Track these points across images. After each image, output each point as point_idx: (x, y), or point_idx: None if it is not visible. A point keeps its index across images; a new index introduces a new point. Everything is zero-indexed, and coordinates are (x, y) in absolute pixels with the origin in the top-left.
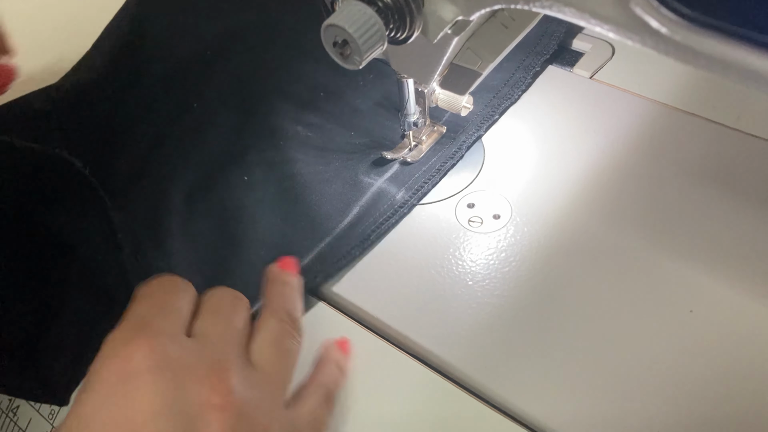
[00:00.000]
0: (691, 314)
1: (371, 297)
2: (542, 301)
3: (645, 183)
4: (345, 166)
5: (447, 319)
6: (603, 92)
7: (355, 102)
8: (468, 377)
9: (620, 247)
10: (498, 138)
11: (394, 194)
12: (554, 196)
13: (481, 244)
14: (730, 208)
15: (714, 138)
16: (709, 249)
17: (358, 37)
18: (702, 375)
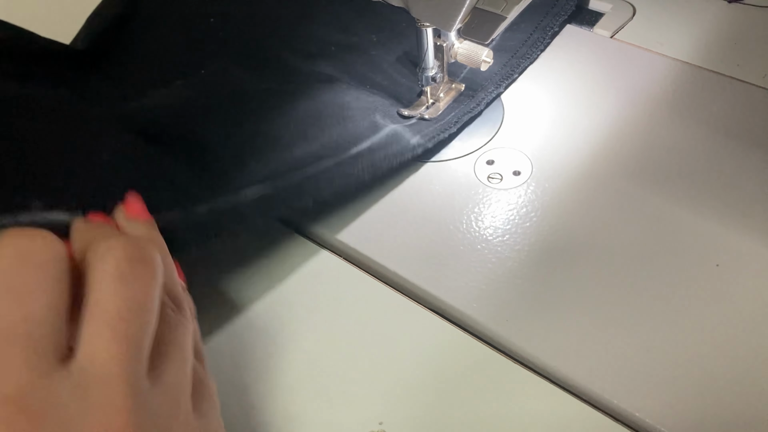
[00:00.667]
0: (717, 268)
1: (391, 252)
2: (564, 255)
3: (668, 140)
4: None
5: (467, 273)
6: (624, 51)
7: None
8: (489, 330)
9: (644, 203)
10: (517, 96)
11: (409, 139)
12: (575, 152)
13: (501, 200)
14: (754, 165)
15: (739, 96)
16: (734, 205)
17: None
18: (726, 328)
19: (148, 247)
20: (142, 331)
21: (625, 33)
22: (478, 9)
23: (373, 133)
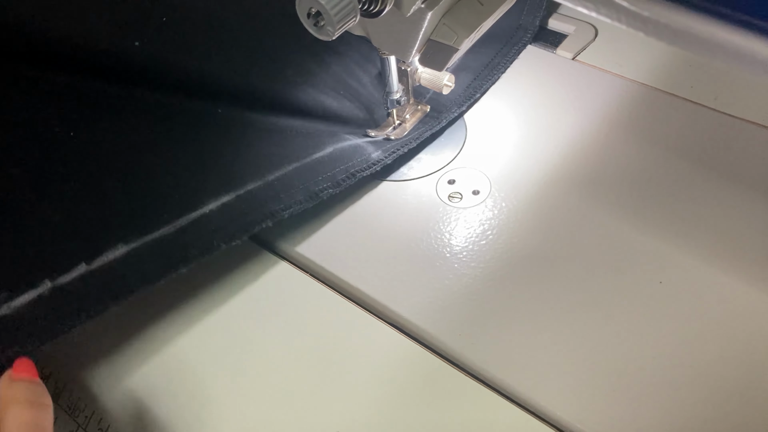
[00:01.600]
0: (660, 285)
1: (351, 266)
2: (516, 272)
3: (621, 160)
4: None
5: (424, 289)
6: (584, 72)
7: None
8: (442, 343)
9: (594, 222)
10: (480, 117)
11: (370, 153)
12: (533, 172)
13: (460, 219)
14: (702, 184)
15: (691, 117)
16: (680, 223)
17: (331, 9)
18: (669, 343)
19: None
20: None
21: (586, 54)
22: (432, 40)
23: (335, 142)
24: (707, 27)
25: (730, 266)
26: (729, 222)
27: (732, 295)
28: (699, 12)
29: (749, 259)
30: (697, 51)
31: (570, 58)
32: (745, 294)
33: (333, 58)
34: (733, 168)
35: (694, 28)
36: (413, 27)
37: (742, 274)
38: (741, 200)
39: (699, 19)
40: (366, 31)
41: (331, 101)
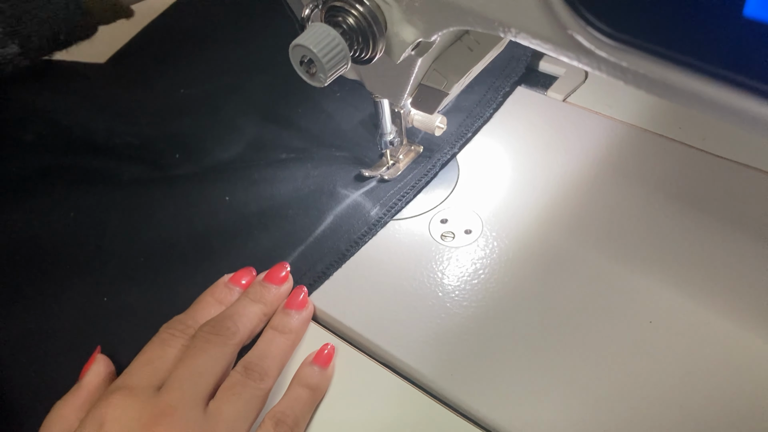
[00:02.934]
0: (651, 325)
1: (344, 306)
2: (508, 312)
3: (611, 200)
4: (324, 174)
5: (417, 329)
6: (575, 114)
7: (337, 121)
8: (434, 383)
9: (585, 262)
10: (473, 157)
11: (369, 210)
12: (524, 212)
13: (452, 258)
14: (690, 225)
15: (679, 158)
16: (670, 264)
17: (322, 57)
18: (659, 382)
19: (225, 323)
20: (195, 387)
21: (576, 96)
22: (423, 85)
23: (334, 206)
24: (682, 78)
25: (720, 306)
26: (718, 262)
27: (723, 335)
28: (673, 63)
29: (739, 300)
30: (675, 100)
31: (560, 100)
32: (735, 335)
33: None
34: (721, 209)
35: (670, 79)
36: (404, 72)
37: (733, 314)
38: (730, 241)
39: (674, 70)
40: (359, 75)
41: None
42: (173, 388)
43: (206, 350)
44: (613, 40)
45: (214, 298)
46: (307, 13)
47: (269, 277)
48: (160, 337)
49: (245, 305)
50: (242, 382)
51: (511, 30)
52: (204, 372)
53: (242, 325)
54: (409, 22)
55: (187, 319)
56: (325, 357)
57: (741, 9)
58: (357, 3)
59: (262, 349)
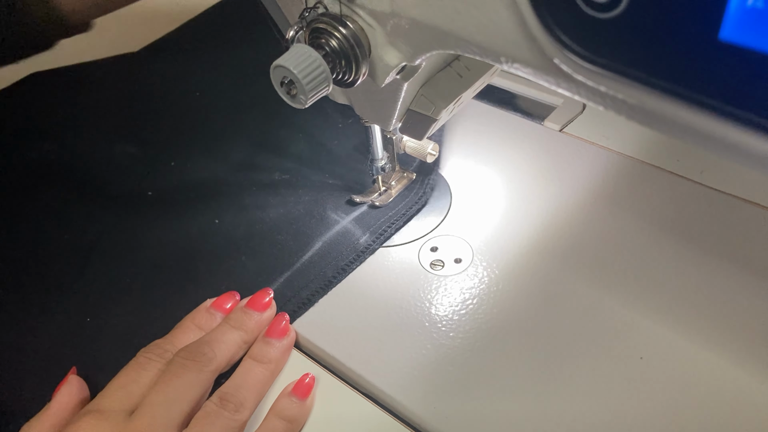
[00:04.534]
0: (641, 361)
1: (327, 334)
2: (496, 344)
3: (605, 232)
4: (315, 200)
5: (402, 359)
6: (571, 144)
7: (331, 146)
8: (416, 415)
9: (576, 295)
10: (466, 185)
11: (358, 237)
12: (515, 243)
13: (441, 287)
14: (686, 259)
15: (676, 191)
16: (662, 298)
17: (302, 78)
18: (651, 420)
19: (202, 348)
20: (168, 414)
21: (573, 126)
22: (411, 110)
23: (323, 232)
24: (660, 103)
25: (712, 342)
26: (712, 298)
27: (715, 373)
28: (650, 88)
29: (733, 337)
30: (653, 127)
31: (557, 130)
32: (727, 372)
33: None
34: (717, 243)
35: (648, 104)
36: (391, 97)
37: (725, 350)
38: (725, 276)
39: (651, 95)
40: (349, 99)
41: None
42: (144, 413)
43: (181, 375)
44: (591, 64)
45: (194, 323)
46: (292, 34)
47: (251, 303)
48: (137, 361)
49: (225, 332)
50: (216, 412)
51: (490, 53)
52: (177, 398)
53: (219, 352)
54: (393, 46)
55: (166, 344)
56: (304, 387)
57: (716, 32)
58: (340, 25)
59: (239, 380)
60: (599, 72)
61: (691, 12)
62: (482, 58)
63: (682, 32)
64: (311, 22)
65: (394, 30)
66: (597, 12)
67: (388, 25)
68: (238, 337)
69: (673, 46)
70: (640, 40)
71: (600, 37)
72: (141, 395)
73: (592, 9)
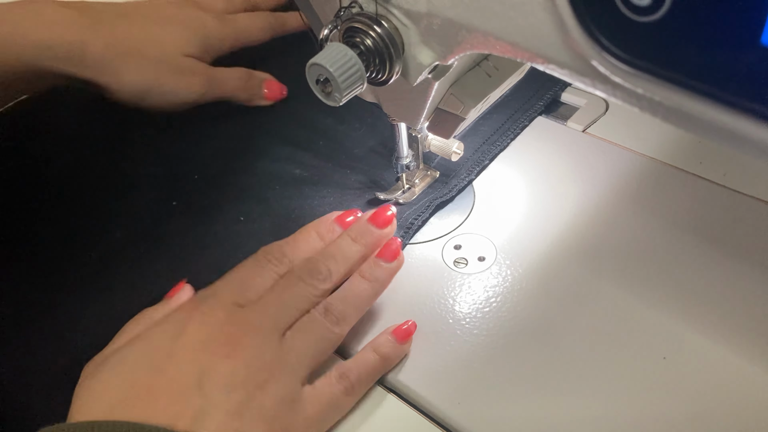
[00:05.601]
0: (664, 361)
1: (352, 330)
2: (519, 342)
3: (628, 233)
4: (339, 201)
5: (426, 355)
6: (594, 145)
7: (351, 148)
8: (441, 411)
9: (599, 294)
10: (489, 184)
11: None
12: (539, 241)
13: (464, 285)
14: (708, 261)
15: (699, 193)
16: (685, 299)
17: (338, 76)
18: (673, 420)
19: (320, 267)
20: (278, 315)
21: (596, 127)
22: (440, 109)
23: None
24: (697, 106)
25: (736, 345)
26: (735, 299)
27: (738, 375)
28: (689, 91)
29: (755, 338)
30: (690, 129)
31: (580, 131)
32: (751, 375)
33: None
34: (740, 245)
35: (685, 107)
36: (421, 96)
37: (748, 352)
38: (748, 278)
39: (690, 97)
40: (377, 97)
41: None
42: (258, 310)
43: (297, 288)
44: (629, 67)
45: (317, 232)
46: (326, 33)
47: (374, 218)
48: (257, 258)
49: (346, 245)
50: (319, 321)
51: (527, 55)
52: (290, 305)
53: (336, 270)
54: (427, 45)
55: (287, 248)
56: (403, 332)
57: (759, 36)
58: (375, 24)
59: (345, 294)
60: (637, 74)
61: (733, 16)
62: (518, 59)
63: (723, 36)
64: (346, 21)
65: (428, 29)
66: (637, 15)
67: (422, 24)
68: (357, 252)
69: (714, 50)
70: (680, 43)
71: (639, 39)
72: (256, 293)
73: (632, 12)
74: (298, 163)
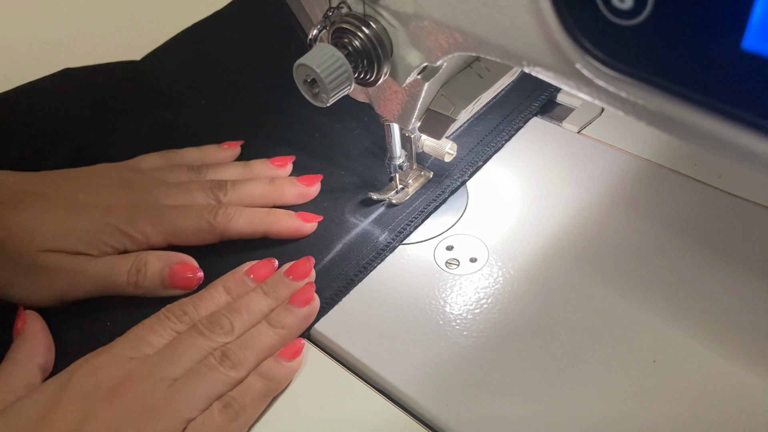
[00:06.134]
0: (654, 364)
1: (343, 332)
2: (509, 344)
3: (621, 235)
4: (333, 206)
5: (415, 356)
6: (589, 146)
7: (347, 146)
8: (428, 412)
9: (591, 297)
10: (483, 185)
11: (378, 236)
12: (532, 243)
13: (455, 286)
14: (701, 264)
15: (693, 195)
16: (677, 302)
17: (325, 77)
18: (663, 424)
19: (222, 321)
20: (169, 367)
21: (592, 128)
22: (431, 110)
23: (342, 234)
24: (680, 110)
25: (727, 348)
26: (728, 303)
27: (728, 378)
28: (671, 95)
29: (747, 342)
30: (673, 133)
31: (575, 132)
32: (741, 379)
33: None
34: (733, 248)
35: (668, 111)
36: (411, 97)
37: (740, 357)
38: (741, 282)
39: (671, 101)
40: (368, 98)
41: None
42: (149, 361)
43: (194, 340)
44: (612, 70)
45: (225, 287)
46: (315, 33)
47: (291, 270)
48: (158, 317)
49: (255, 300)
50: (213, 365)
51: (512, 56)
52: (183, 356)
53: (240, 324)
54: (415, 46)
55: (189, 306)
56: (291, 352)
57: (739, 41)
58: (363, 25)
59: (246, 341)
60: (620, 78)
61: (715, 21)
62: (504, 60)
63: (704, 40)
64: (335, 21)
65: (415, 31)
66: (620, 18)
67: (411, 25)
68: (267, 306)
69: (696, 54)
70: (662, 47)
71: (622, 43)
72: (152, 349)
73: (615, 15)
74: (293, 166)
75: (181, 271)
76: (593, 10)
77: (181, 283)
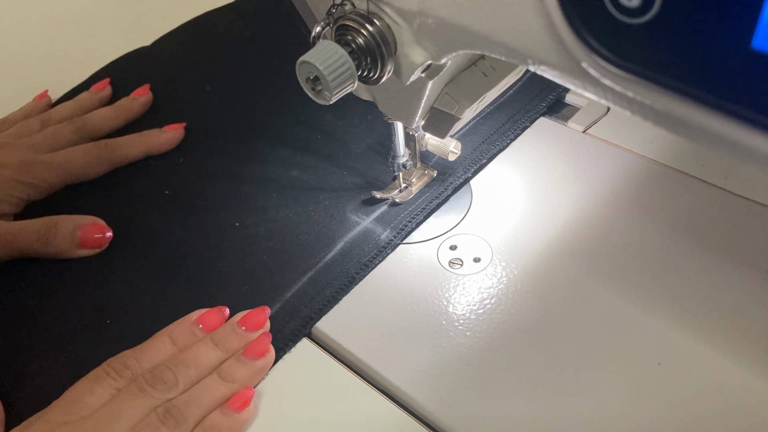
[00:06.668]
0: (659, 367)
1: (346, 332)
2: (512, 344)
3: (626, 236)
4: (335, 204)
5: (418, 356)
6: (594, 146)
7: (350, 145)
8: (430, 413)
9: (595, 298)
10: (487, 184)
11: (380, 234)
12: (535, 243)
13: (459, 286)
14: (707, 265)
15: (700, 196)
16: (682, 304)
17: (328, 75)
18: (667, 427)
19: (166, 375)
20: (107, 425)
21: (597, 128)
22: (435, 108)
23: (344, 233)
24: (687, 110)
25: (732, 350)
26: (733, 305)
27: (733, 380)
28: (679, 94)
29: (754, 345)
30: (680, 133)
31: (581, 131)
32: (746, 379)
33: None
34: (740, 250)
35: (675, 111)
36: (415, 95)
37: (745, 359)
38: (747, 283)
39: (679, 101)
40: (372, 96)
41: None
42: (84, 425)
43: (134, 399)
44: (619, 69)
45: (171, 337)
46: (318, 30)
47: (245, 321)
48: (96, 374)
49: (204, 351)
50: (154, 425)
51: (517, 55)
52: (122, 417)
53: (185, 380)
54: (419, 44)
55: (130, 360)
56: (238, 400)
57: (749, 41)
58: (367, 23)
59: (194, 396)
60: (627, 77)
61: (724, 20)
62: (509, 59)
63: (713, 39)
64: (338, 18)
65: (420, 28)
66: (627, 17)
67: (415, 23)
68: (217, 358)
69: (704, 54)
70: (670, 46)
71: (629, 42)
72: (88, 410)
73: (622, 14)
74: (296, 165)
75: (91, 230)
76: (600, 7)
77: (91, 242)
